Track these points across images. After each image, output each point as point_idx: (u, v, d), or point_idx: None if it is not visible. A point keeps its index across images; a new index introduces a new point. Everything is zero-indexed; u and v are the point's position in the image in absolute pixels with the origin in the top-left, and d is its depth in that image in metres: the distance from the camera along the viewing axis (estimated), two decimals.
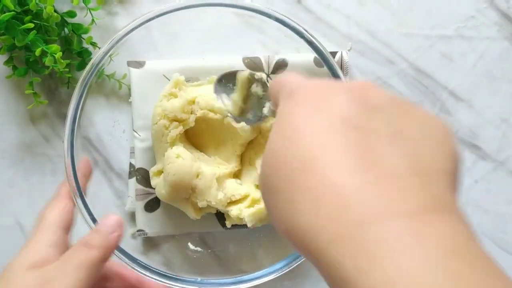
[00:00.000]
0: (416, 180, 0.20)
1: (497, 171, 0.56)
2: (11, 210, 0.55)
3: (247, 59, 0.54)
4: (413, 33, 0.57)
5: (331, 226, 0.20)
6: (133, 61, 0.53)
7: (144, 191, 0.53)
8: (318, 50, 0.47)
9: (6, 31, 0.50)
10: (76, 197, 0.44)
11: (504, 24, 0.57)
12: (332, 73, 0.46)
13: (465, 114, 0.56)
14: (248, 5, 0.47)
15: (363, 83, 0.25)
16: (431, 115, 0.24)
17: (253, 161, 0.52)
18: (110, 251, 0.39)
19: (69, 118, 0.45)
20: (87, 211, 0.44)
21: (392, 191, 0.20)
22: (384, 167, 0.21)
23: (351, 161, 0.21)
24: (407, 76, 0.57)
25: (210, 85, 0.51)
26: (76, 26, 0.54)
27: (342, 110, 0.23)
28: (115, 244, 0.40)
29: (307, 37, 0.47)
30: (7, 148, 0.55)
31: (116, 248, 0.41)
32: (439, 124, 0.24)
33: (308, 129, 0.23)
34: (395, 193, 0.20)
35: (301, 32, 0.47)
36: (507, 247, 0.55)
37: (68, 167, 0.45)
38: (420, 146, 0.22)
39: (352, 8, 0.57)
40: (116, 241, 0.40)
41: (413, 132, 0.23)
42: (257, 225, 0.48)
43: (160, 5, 0.56)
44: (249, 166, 0.52)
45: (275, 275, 0.45)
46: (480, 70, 0.57)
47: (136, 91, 0.53)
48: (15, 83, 0.56)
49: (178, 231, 0.53)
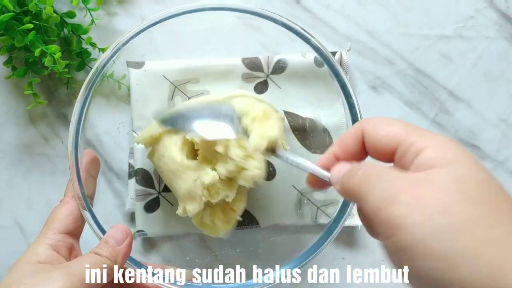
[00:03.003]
0: None
1: (496, 171, 0.56)
2: (10, 211, 0.55)
3: (246, 59, 0.54)
4: (413, 33, 0.57)
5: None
6: (133, 62, 0.53)
7: (143, 192, 0.53)
8: (319, 50, 0.47)
9: (5, 32, 0.50)
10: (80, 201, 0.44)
11: (503, 24, 0.57)
12: (334, 72, 0.46)
13: (464, 114, 0.57)
14: (248, 8, 0.47)
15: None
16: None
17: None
18: (120, 262, 0.40)
19: (72, 128, 0.45)
20: (92, 218, 0.44)
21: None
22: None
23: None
24: (406, 76, 0.57)
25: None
26: (76, 27, 0.54)
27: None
28: (125, 254, 0.41)
29: (307, 38, 0.47)
30: (7, 149, 0.55)
31: (127, 258, 0.41)
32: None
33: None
34: None
35: (301, 32, 0.47)
36: None
37: (72, 171, 0.45)
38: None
39: (351, 8, 0.57)
40: (125, 252, 0.41)
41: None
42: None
43: (159, 5, 0.57)
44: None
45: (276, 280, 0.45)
46: (479, 70, 0.57)
47: (136, 91, 0.53)
48: (14, 84, 0.56)
49: (178, 232, 0.53)
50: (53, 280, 0.35)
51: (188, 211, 0.47)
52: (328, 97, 0.53)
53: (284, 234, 0.52)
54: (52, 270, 0.37)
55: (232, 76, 0.54)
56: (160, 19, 0.46)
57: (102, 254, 0.39)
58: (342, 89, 0.46)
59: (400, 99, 0.56)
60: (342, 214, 0.45)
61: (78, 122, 0.46)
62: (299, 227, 0.53)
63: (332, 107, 0.53)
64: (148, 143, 0.49)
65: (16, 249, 0.55)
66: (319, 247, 0.44)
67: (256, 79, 0.54)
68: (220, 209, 0.49)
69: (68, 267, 0.37)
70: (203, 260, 0.53)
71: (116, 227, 0.42)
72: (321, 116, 0.54)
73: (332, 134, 0.53)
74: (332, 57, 0.47)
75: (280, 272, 0.45)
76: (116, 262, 0.39)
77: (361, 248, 0.55)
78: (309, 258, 0.44)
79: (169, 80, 0.53)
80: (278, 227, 0.53)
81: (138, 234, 0.53)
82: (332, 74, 0.47)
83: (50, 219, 0.43)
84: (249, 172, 0.44)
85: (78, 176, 0.44)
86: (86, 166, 0.46)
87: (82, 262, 0.38)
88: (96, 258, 0.39)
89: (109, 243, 0.40)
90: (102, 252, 0.39)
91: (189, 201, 0.47)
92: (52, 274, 0.36)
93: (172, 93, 0.53)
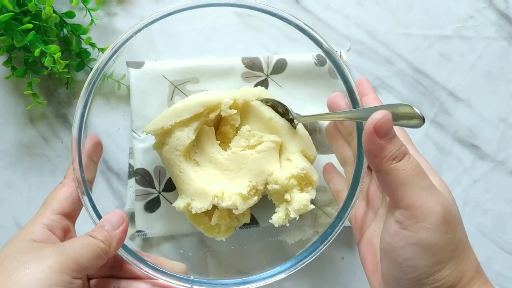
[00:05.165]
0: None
1: (496, 170, 0.56)
2: (10, 211, 0.55)
3: (246, 59, 0.54)
4: (412, 33, 0.57)
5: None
6: (132, 62, 0.53)
7: (143, 192, 0.53)
8: (322, 45, 0.46)
9: (5, 32, 0.50)
10: (83, 196, 0.44)
11: (502, 24, 0.57)
12: (337, 69, 0.46)
13: (464, 114, 0.57)
14: (254, 4, 0.47)
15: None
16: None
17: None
18: (114, 247, 0.40)
19: (75, 131, 0.45)
20: (93, 210, 0.44)
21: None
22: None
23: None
24: (406, 76, 0.57)
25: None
26: (75, 27, 0.54)
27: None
28: (119, 239, 0.40)
29: (311, 34, 0.46)
30: (6, 149, 0.55)
31: (121, 243, 0.41)
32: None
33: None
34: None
35: (304, 28, 0.46)
36: (506, 247, 0.55)
37: (74, 155, 0.44)
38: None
39: (351, 8, 0.57)
40: (120, 237, 0.41)
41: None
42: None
43: (158, 5, 0.57)
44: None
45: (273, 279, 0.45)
46: (479, 70, 0.57)
47: (135, 91, 0.53)
48: (14, 84, 0.55)
49: (178, 232, 0.53)
50: (45, 258, 0.35)
51: (193, 208, 0.47)
52: (327, 96, 0.53)
53: (283, 233, 0.52)
54: (45, 248, 0.36)
55: (232, 75, 0.54)
56: (158, 16, 0.46)
57: (97, 237, 0.39)
58: (346, 85, 0.46)
59: (400, 99, 0.56)
60: (342, 214, 0.45)
61: (80, 124, 0.46)
62: (299, 227, 0.53)
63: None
64: (158, 134, 0.49)
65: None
66: (318, 247, 0.44)
67: (256, 78, 0.54)
68: (228, 213, 0.50)
69: (61, 246, 0.37)
70: (202, 260, 0.53)
71: (113, 212, 0.42)
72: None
73: None
74: (336, 53, 0.46)
75: (278, 270, 0.45)
76: (110, 246, 0.39)
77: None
78: (307, 257, 0.44)
79: (168, 80, 0.53)
80: (278, 227, 0.53)
81: (137, 234, 0.53)
82: (336, 70, 0.46)
83: (48, 199, 0.43)
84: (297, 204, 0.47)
85: (79, 160, 0.44)
86: (88, 151, 0.46)
87: (76, 242, 0.38)
88: (90, 240, 0.38)
89: (105, 227, 0.40)
90: (97, 235, 0.39)
91: (199, 198, 0.48)
92: (45, 252, 0.36)
93: (172, 92, 0.53)
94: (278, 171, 0.48)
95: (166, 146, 0.49)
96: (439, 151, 0.56)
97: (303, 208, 0.47)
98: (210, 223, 0.49)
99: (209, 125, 0.50)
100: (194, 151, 0.50)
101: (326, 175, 0.51)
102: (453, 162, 0.56)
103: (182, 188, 0.49)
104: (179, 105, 0.49)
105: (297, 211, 0.47)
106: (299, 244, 0.52)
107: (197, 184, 0.48)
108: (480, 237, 0.55)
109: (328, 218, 0.52)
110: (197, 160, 0.50)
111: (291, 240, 0.52)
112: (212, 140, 0.50)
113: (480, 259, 0.38)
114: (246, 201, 0.47)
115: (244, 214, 0.51)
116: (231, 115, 0.49)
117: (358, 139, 0.44)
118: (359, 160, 0.44)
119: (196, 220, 0.50)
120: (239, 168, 0.49)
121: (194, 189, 0.48)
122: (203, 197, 0.47)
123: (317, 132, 0.53)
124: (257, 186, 0.48)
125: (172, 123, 0.48)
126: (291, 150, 0.49)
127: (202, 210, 0.47)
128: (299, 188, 0.48)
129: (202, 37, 0.55)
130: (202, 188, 0.48)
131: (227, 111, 0.49)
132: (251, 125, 0.50)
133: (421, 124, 0.36)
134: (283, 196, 0.48)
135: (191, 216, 0.49)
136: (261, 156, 0.49)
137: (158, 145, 0.50)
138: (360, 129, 0.44)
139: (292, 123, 0.50)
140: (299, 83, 0.54)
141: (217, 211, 0.49)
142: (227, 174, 0.49)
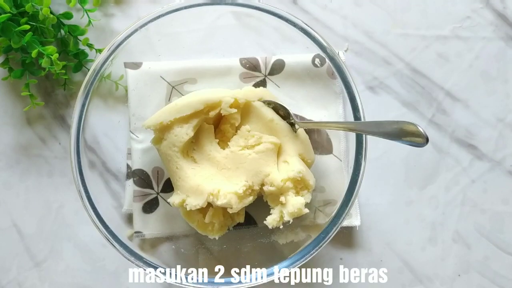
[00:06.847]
0: None
1: (493, 170, 0.56)
2: (8, 212, 0.55)
3: (244, 60, 0.54)
4: (410, 33, 0.57)
5: None
6: (130, 63, 0.53)
7: (141, 193, 0.53)
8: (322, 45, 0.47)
9: (2, 33, 0.50)
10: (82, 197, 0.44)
11: (499, 24, 0.58)
12: (335, 67, 0.46)
13: (462, 114, 0.57)
14: (254, 4, 0.47)
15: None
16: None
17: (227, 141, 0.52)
18: None
19: (73, 133, 0.45)
20: (93, 210, 0.44)
21: None
22: None
23: None
24: (403, 76, 0.57)
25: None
26: (73, 28, 0.54)
27: None
28: None
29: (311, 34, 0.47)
30: (4, 150, 0.55)
31: None
32: None
33: None
34: None
35: (305, 28, 0.47)
36: (504, 247, 0.55)
37: (74, 169, 0.45)
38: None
39: (348, 9, 0.57)
40: None
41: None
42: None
43: (156, 6, 0.57)
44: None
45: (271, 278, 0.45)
46: (476, 70, 0.57)
47: (133, 92, 0.53)
48: (11, 85, 0.55)
49: (176, 232, 0.53)
50: None
51: (188, 204, 0.47)
52: (325, 97, 0.53)
53: (275, 234, 0.52)
54: None
55: (230, 76, 0.54)
56: (155, 16, 0.46)
57: None
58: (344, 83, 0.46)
59: (398, 99, 0.57)
60: (340, 214, 0.45)
61: (78, 123, 0.46)
62: (297, 226, 0.53)
63: (329, 107, 0.53)
64: (157, 129, 0.49)
65: (13, 250, 0.55)
66: (316, 247, 0.44)
67: (254, 79, 0.54)
68: (222, 212, 0.50)
69: None
70: (201, 260, 0.53)
71: None
72: (318, 116, 0.53)
73: (330, 133, 0.53)
74: (335, 52, 0.46)
75: (273, 270, 0.45)
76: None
77: (359, 248, 0.55)
78: (305, 257, 0.44)
79: (166, 81, 0.53)
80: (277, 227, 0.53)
81: (136, 235, 0.52)
82: (335, 69, 0.46)
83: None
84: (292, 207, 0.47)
85: (78, 161, 0.44)
86: None
87: None
88: None
89: None
90: None
91: (194, 195, 0.48)
92: None
93: (170, 93, 0.53)
94: (274, 173, 0.48)
95: (164, 142, 0.49)
96: (437, 151, 0.56)
97: (297, 212, 0.47)
98: (204, 220, 0.49)
99: (208, 123, 0.50)
100: (192, 148, 0.50)
101: None
102: (451, 162, 0.56)
103: (178, 184, 0.49)
104: (179, 101, 0.49)
105: (291, 214, 0.47)
106: (290, 245, 0.51)
107: (193, 181, 0.48)
108: (478, 237, 0.55)
109: (326, 218, 0.52)
110: (195, 157, 0.50)
111: (282, 240, 0.52)
112: (211, 138, 0.50)
113: (478, 258, 0.38)
114: (242, 200, 0.47)
115: (239, 214, 0.51)
116: (231, 114, 0.49)
117: (356, 149, 0.45)
118: (355, 168, 0.44)
119: (190, 217, 0.50)
120: (236, 168, 0.49)
121: (190, 185, 0.48)
122: (198, 194, 0.47)
123: (315, 133, 0.53)
124: (253, 186, 0.48)
125: (172, 119, 0.48)
126: (289, 152, 0.50)
127: (197, 207, 0.47)
128: (295, 191, 0.48)
129: (200, 38, 0.55)
130: (198, 185, 0.48)
131: (227, 110, 0.49)
132: (252, 125, 0.50)
133: (424, 144, 0.37)
134: (279, 198, 0.48)
135: (186, 212, 0.49)
136: (259, 157, 0.49)
137: (157, 140, 0.50)
138: (360, 141, 0.44)
139: (293, 127, 0.50)
140: (297, 84, 0.54)
141: (211, 209, 0.49)
142: (224, 172, 0.49)
